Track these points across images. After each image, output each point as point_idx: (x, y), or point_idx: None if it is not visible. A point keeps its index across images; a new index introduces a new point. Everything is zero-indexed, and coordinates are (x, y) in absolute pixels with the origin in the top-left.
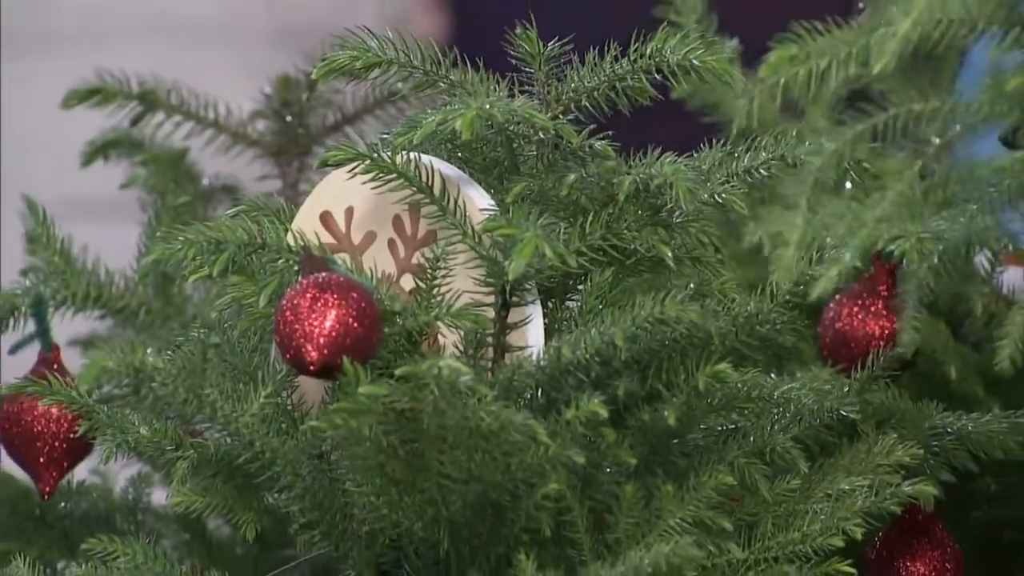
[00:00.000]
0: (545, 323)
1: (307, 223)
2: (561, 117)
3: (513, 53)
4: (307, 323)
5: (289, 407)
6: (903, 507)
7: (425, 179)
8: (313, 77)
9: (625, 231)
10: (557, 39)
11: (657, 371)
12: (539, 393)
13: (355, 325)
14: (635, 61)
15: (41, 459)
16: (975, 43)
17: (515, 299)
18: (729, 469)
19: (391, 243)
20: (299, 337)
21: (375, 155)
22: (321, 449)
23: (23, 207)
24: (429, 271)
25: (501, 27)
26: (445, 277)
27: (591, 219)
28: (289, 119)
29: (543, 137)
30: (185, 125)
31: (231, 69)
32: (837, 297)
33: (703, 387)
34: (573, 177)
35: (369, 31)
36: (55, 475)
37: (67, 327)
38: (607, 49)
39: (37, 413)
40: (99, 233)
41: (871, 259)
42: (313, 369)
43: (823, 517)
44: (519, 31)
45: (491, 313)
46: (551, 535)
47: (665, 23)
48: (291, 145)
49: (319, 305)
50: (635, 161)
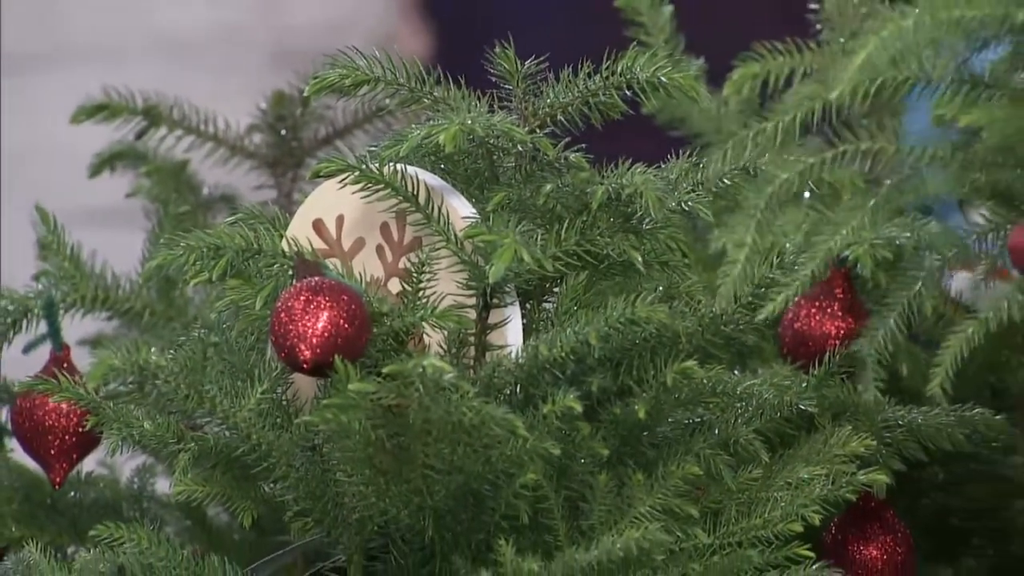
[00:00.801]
0: (523, 323)
1: (300, 230)
2: (538, 131)
3: (493, 71)
4: (301, 324)
5: (284, 403)
6: (857, 494)
7: (411, 189)
8: (306, 94)
9: (598, 237)
10: (534, 58)
11: (628, 368)
12: (518, 389)
13: (345, 326)
14: (607, 78)
15: (52, 451)
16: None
17: (495, 301)
18: (695, 460)
19: (379, 249)
20: (293, 337)
21: (364, 167)
22: (314, 442)
23: (35, 216)
24: (415, 275)
25: (481, 47)
26: (430, 281)
27: (566, 226)
28: (283, 133)
29: (521, 150)
30: (186, 139)
31: (229, 87)
32: (796, 299)
33: (671, 383)
34: (549, 187)
35: (358, 51)
36: (65, 466)
37: (76, 328)
38: (581, 67)
39: (48, 408)
40: (106, 240)
41: (827, 264)
42: (306, 367)
43: (783, 504)
44: (498, 51)
45: (473, 314)
46: (529, 522)
47: (635, 43)
48: (285, 157)
49: (312, 307)
50: (607, 172)
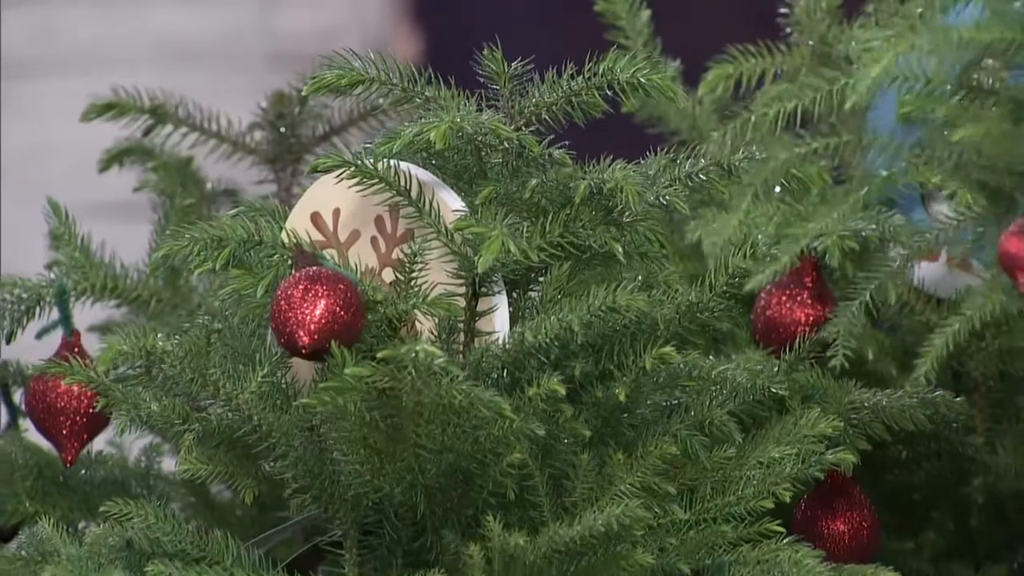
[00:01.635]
0: (510, 311)
1: (299, 222)
2: (524, 129)
3: (481, 72)
4: (299, 311)
5: (283, 386)
6: (826, 473)
7: (403, 183)
8: (304, 93)
9: (581, 229)
10: (519, 60)
11: (609, 353)
12: (505, 373)
13: (342, 313)
14: (589, 79)
15: (64, 431)
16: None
17: (483, 290)
18: (673, 440)
19: (374, 240)
20: (292, 324)
21: (359, 162)
22: (312, 423)
23: (48, 209)
24: (407, 265)
25: (470, 50)
26: (422, 270)
27: (551, 219)
28: (283, 130)
29: (508, 146)
30: (191, 136)
31: (232, 87)
32: (768, 287)
33: (650, 367)
34: (535, 182)
35: (353, 53)
36: (76, 446)
37: (87, 315)
38: (564, 68)
39: (60, 391)
40: (114, 231)
41: (798, 254)
42: (305, 352)
43: (756, 482)
44: (486, 53)
45: (462, 302)
46: (515, 499)
47: (615, 46)
48: (285, 153)
49: (310, 295)
50: (589, 167)
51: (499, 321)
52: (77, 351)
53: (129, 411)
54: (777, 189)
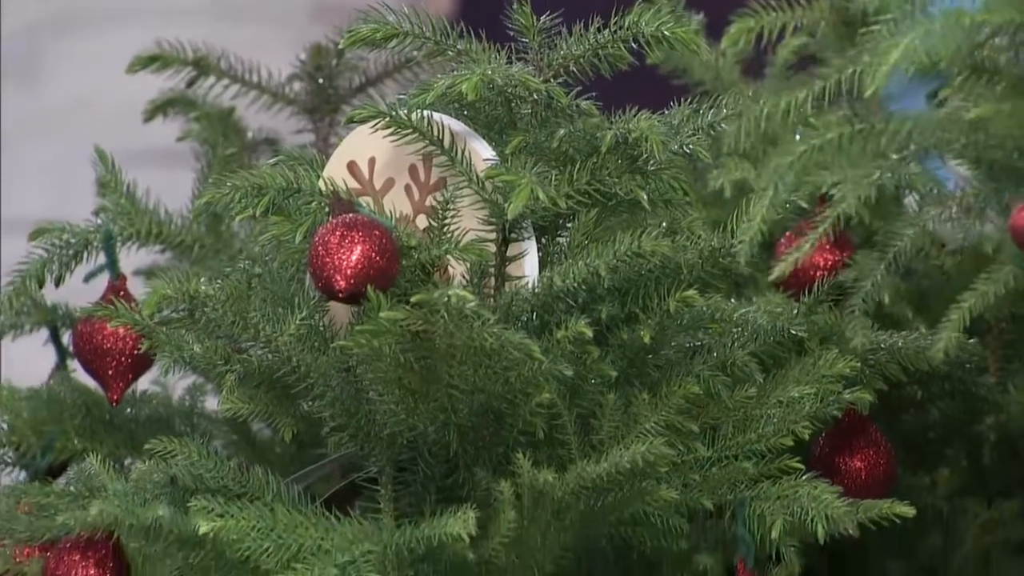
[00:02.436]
0: (539, 256)
1: (336, 171)
2: (552, 80)
3: (511, 26)
4: (336, 257)
5: (321, 328)
6: (843, 411)
7: (436, 134)
8: (341, 46)
9: (607, 177)
10: (548, 13)
11: (635, 297)
12: (534, 316)
13: (377, 259)
14: (615, 32)
15: (110, 372)
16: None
17: (513, 236)
18: (696, 380)
19: (407, 188)
20: (330, 269)
21: (394, 113)
22: (348, 364)
23: (95, 157)
24: (440, 212)
25: (501, 4)
26: (454, 217)
27: (578, 167)
28: (321, 82)
29: (537, 98)
30: (232, 87)
31: (272, 40)
32: (787, 233)
33: (674, 310)
34: (563, 132)
35: (388, 7)
36: (122, 385)
37: (132, 259)
38: (591, 22)
39: (106, 333)
40: (159, 179)
41: (816, 201)
42: (341, 296)
43: (776, 420)
44: (516, 7)
45: (493, 248)
46: (544, 437)
47: (640, 0)
48: (323, 104)
49: (347, 241)
50: (615, 118)
51: (528, 266)
52: (123, 294)
53: (173, 352)
54: (797, 137)
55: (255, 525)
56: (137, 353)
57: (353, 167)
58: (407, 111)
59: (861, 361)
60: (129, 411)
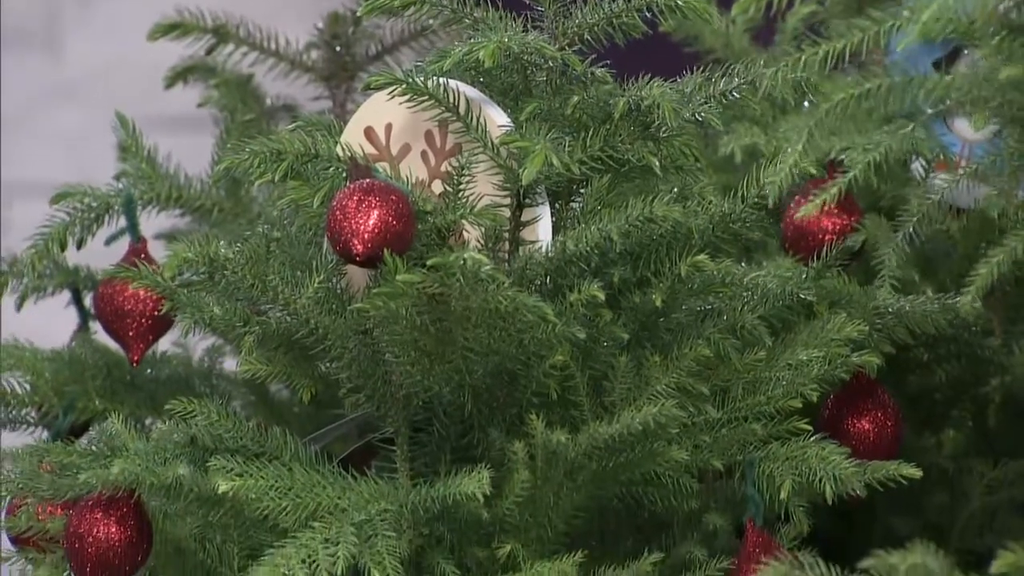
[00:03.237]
0: (553, 221)
1: (353, 137)
2: (567, 48)
3: None
4: (354, 221)
5: (339, 291)
6: (851, 374)
7: (452, 100)
8: (358, 14)
9: (620, 144)
10: None
11: (646, 261)
12: (547, 280)
13: (394, 223)
14: (629, 1)
15: (131, 333)
16: None
17: (528, 201)
18: (706, 343)
19: (424, 154)
20: (347, 233)
21: (410, 80)
22: (365, 326)
23: (116, 122)
24: (455, 177)
25: None
26: (469, 182)
27: (591, 134)
28: (338, 49)
29: (551, 65)
30: (251, 54)
31: (290, 8)
32: (796, 198)
33: (685, 274)
34: (576, 99)
35: None
36: (142, 346)
37: (153, 223)
38: None
39: (127, 294)
40: (179, 144)
41: (825, 166)
42: (359, 260)
43: (785, 383)
44: None
45: (507, 213)
46: (557, 398)
47: None
48: (340, 71)
49: (364, 206)
50: (628, 85)
51: (542, 230)
52: (144, 257)
53: (193, 314)
54: (806, 105)
55: (273, 484)
56: (157, 315)
57: (370, 133)
58: (423, 78)
59: (869, 325)
60: (149, 372)
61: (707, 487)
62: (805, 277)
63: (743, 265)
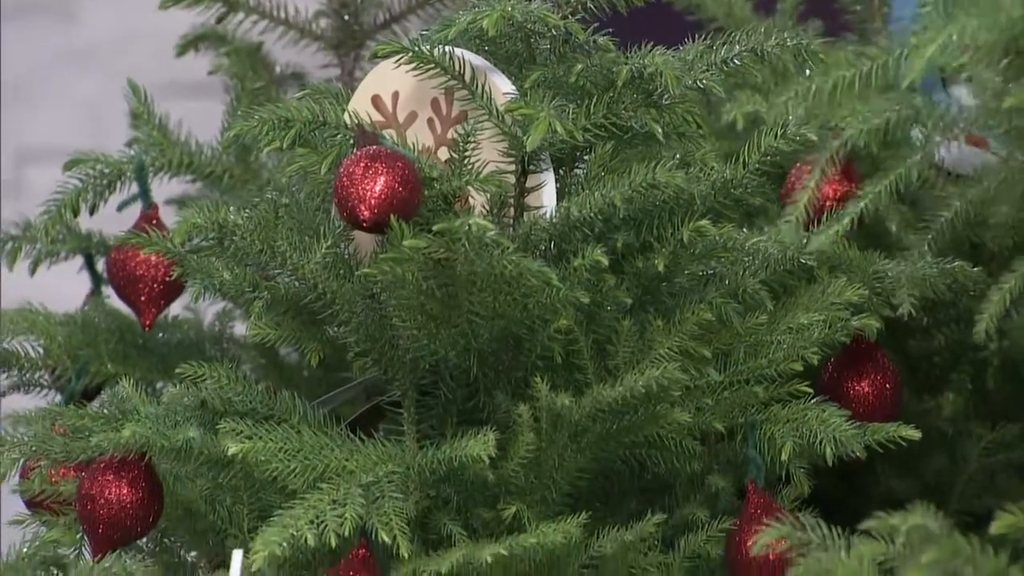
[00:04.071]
0: (557, 187)
1: (361, 104)
2: (570, 17)
3: None
4: (360, 187)
5: (346, 256)
6: (851, 337)
7: (458, 68)
8: None
9: (623, 111)
10: None
11: (649, 226)
12: (552, 245)
13: (400, 189)
14: None
15: (142, 298)
16: None
17: (532, 167)
18: (708, 307)
19: (430, 121)
20: (354, 199)
21: (417, 48)
22: (372, 291)
23: (128, 90)
24: (461, 144)
25: None
26: (474, 149)
27: (595, 101)
28: (346, 18)
29: (555, 34)
30: (261, 23)
31: None
32: (797, 165)
33: (687, 239)
34: (580, 67)
35: None
36: (154, 311)
37: (164, 189)
38: None
39: (139, 260)
40: (190, 111)
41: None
42: (365, 225)
43: (786, 346)
44: None
45: (512, 179)
46: (562, 362)
47: None
48: (348, 40)
49: (371, 173)
50: (631, 53)
51: (547, 196)
52: (155, 223)
53: (203, 279)
54: (807, 72)
55: (282, 446)
56: (169, 280)
57: (377, 101)
58: (429, 46)
59: (868, 289)
60: (161, 336)
61: (709, 449)
62: (806, 242)
63: (745, 230)
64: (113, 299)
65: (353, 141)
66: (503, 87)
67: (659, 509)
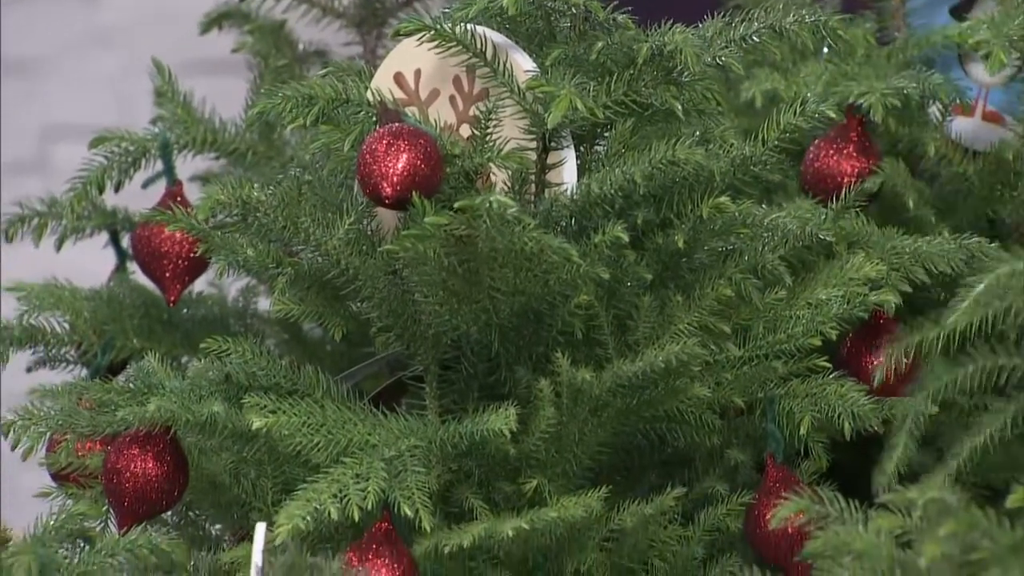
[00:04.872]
0: (578, 164)
1: (383, 82)
2: None
3: None
4: (383, 164)
5: (369, 233)
6: (869, 313)
7: (479, 46)
8: None
9: (643, 88)
10: None
11: (669, 203)
12: (572, 221)
13: (422, 166)
14: None
15: (167, 274)
16: None
17: (553, 144)
18: (728, 282)
19: (452, 99)
20: (377, 176)
21: (439, 26)
22: (395, 267)
23: (152, 68)
24: (483, 122)
25: None
26: (496, 127)
27: (615, 79)
28: None
29: (575, 12)
30: (284, 1)
31: None
32: (816, 141)
33: (706, 216)
34: (600, 44)
35: None
36: (179, 287)
37: (188, 166)
38: None
39: (164, 236)
40: (214, 88)
41: (844, 111)
42: (388, 202)
43: (804, 321)
44: None
45: (533, 156)
46: (582, 337)
47: None
48: (370, 17)
49: (393, 150)
50: (651, 31)
51: (567, 173)
52: (179, 200)
53: (227, 255)
54: (825, 50)
55: (306, 421)
56: (193, 256)
57: (399, 78)
58: (451, 24)
59: (886, 264)
60: (185, 311)
61: (728, 424)
62: (824, 218)
63: (764, 206)
64: (138, 275)
65: (375, 118)
66: (524, 65)
67: (679, 483)
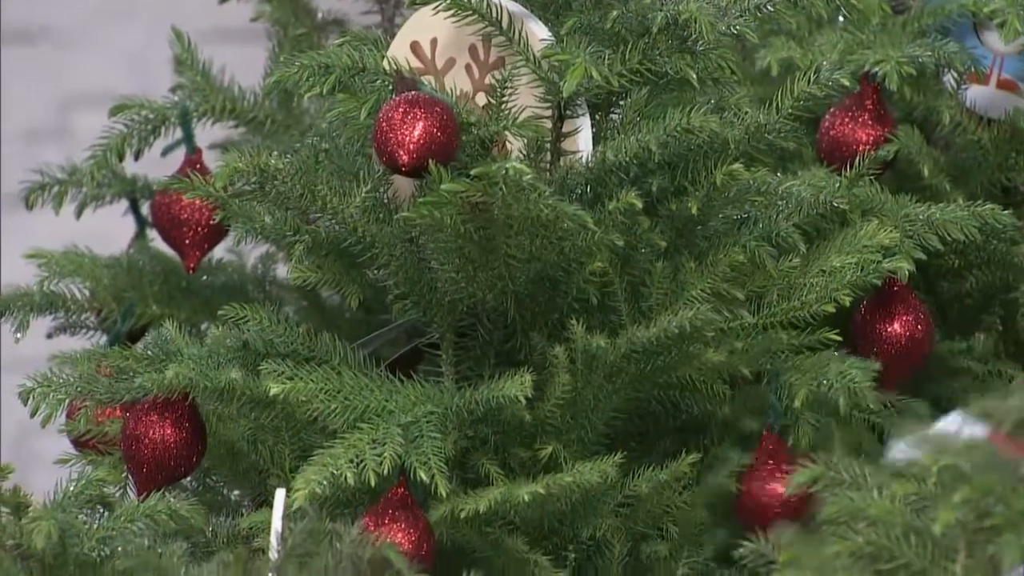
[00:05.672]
0: (593, 132)
1: (400, 51)
2: None
3: None
4: (399, 132)
5: (385, 200)
6: (883, 280)
7: (495, 15)
8: None
9: (658, 57)
10: None
11: (683, 170)
12: (587, 189)
13: (439, 134)
14: None
15: (186, 241)
16: None
17: (568, 112)
18: (742, 250)
19: (468, 67)
20: (393, 144)
21: None
22: (411, 234)
23: (172, 35)
24: (499, 90)
25: None
26: (511, 95)
27: (630, 47)
28: None
29: None
30: None
31: None
32: (832, 110)
33: (720, 183)
34: (615, 13)
35: None
36: (198, 254)
37: (207, 134)
38: None
39: (183, 204)
40: (233, 57)
41: (859, 79)
42: (404, 170)
43: (818, 288)
44: None
45: (549, 124)
46: (597, 304)
47: None
48: None
49: (409, 118)
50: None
51: (583, 141)
52: (198, 167)
53: (245, 223)
54: (840, 19)
55: (323, 387)
56: (212, 223)
57: (416, 47)
58: None
59: (900, 232)
60: (204, 278)
61: (739, 393)
62: (839, 186)
63: (778, 174)
64: (158, 242)
65: (392, 87)
66: (540, 33)
67: (693, 449)
